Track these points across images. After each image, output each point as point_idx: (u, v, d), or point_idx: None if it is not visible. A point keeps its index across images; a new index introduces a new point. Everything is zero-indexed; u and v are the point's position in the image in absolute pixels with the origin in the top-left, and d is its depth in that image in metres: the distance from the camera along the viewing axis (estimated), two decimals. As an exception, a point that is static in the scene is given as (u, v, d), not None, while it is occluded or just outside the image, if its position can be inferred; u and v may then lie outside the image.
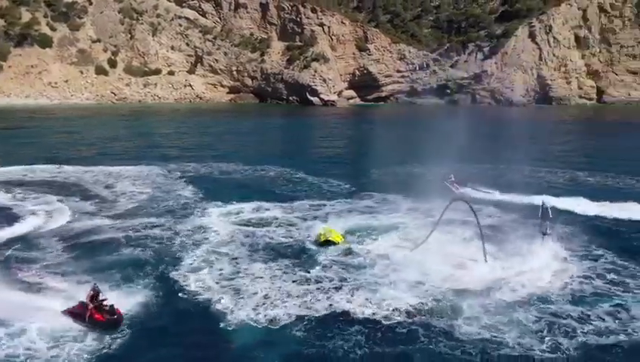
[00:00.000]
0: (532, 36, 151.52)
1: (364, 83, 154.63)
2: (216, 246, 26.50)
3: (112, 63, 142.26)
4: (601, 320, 18.87)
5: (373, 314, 19.15)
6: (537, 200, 29.88)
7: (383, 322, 18.55)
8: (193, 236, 27.98)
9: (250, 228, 29.52)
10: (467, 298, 20.13)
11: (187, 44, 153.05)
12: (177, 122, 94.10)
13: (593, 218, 32.22)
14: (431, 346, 17.04)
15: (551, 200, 30.08)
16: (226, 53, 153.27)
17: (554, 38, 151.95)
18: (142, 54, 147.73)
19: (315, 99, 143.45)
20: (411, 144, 56.63)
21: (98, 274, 22.16)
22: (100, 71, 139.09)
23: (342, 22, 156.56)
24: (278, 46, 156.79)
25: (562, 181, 43.55)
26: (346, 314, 19.38)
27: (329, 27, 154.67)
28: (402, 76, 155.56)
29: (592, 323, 18.51)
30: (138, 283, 22.03)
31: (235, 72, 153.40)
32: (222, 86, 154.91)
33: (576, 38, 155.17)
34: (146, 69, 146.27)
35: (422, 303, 19.80)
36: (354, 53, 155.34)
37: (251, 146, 64.00)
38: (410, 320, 18.54)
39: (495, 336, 17.37)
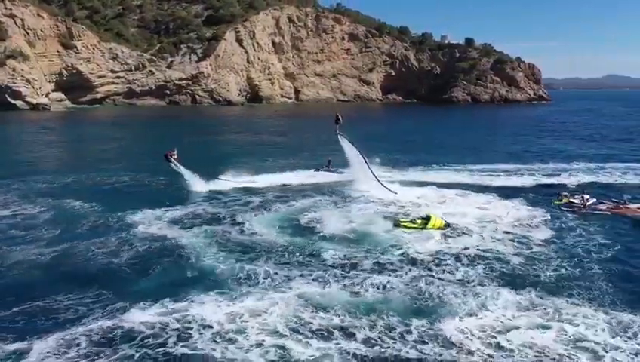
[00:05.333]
0: (239, 41, 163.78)
1: (74, 84, 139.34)
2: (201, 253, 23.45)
3: None
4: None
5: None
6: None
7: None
8: (164, 247, 23.67)
9: (196, 229, 26.78)
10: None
11: None
12: None
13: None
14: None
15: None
16: None
17: (257, 43, 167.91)
18: None
19: (19, 103, 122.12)
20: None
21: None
22: None
23: (38, 14, 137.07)
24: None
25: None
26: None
27: (22, 19, 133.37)
28: (117, 77, 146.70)
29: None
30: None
31: None
32: None
33: (274, 43, 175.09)
34: None
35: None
36: (58, 51, 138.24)
37: (44, 159, 52.27)
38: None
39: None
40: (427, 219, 26.00)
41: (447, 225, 26.14)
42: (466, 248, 23.19)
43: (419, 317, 17.03)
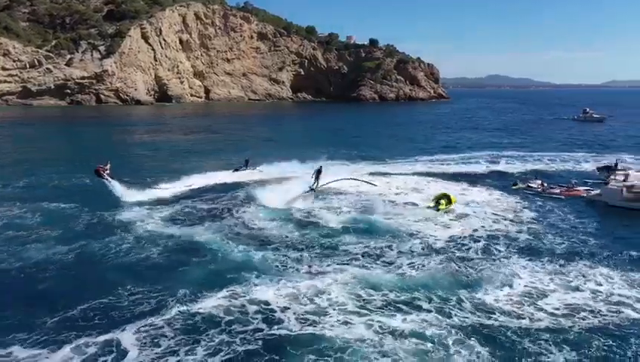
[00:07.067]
0: (145, 37, 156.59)
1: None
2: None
3: None
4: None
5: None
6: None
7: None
8: (185, 242, 22.80)
9: (200, 226, 26.14)
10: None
11: None
12: None
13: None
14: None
15: None
16: None
17: (164, 40, 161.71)
18: None
19: None
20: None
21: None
22: None
23: None
24: None
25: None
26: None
27: None
28: (10, 75, 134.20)
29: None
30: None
31: None
32: None
33: (181, 41, 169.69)
34: None
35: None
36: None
37: None
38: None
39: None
40: (447, 196, 28.09)
41: (455, 200, 28.64)
42: (475, 229, 25.05)
43: (465, 290, 18.27)
